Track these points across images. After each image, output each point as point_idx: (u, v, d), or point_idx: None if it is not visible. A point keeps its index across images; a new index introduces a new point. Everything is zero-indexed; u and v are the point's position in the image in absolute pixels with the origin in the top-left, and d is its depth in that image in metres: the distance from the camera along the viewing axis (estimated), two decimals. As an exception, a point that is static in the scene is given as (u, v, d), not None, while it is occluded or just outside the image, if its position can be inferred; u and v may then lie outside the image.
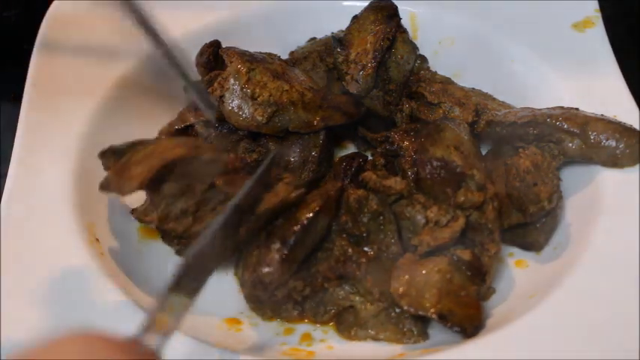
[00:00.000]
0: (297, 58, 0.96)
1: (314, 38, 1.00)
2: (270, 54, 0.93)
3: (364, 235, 0.76)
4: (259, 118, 0.84)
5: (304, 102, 0.86)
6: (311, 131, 0.87)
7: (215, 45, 0.91)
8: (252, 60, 0.87)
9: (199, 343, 0.68)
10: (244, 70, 0.85)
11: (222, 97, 0.85)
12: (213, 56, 0.90)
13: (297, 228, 0.73)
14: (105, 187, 0.74)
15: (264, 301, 0.75)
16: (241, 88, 0.85)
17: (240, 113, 0.85)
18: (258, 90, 0.84)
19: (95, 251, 0.76)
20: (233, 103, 0.85)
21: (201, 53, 0.91)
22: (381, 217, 0.76)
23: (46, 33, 0.96)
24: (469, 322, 0.69)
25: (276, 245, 0.73)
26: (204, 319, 0.75)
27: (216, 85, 0.86)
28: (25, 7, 1.11)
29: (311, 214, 0.74)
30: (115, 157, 0.75)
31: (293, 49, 0.99)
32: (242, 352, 0.70)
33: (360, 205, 0.76)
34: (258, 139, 0.88)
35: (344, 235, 0.77)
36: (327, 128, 0.88)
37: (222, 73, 0.87)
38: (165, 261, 0.81)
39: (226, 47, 0.89)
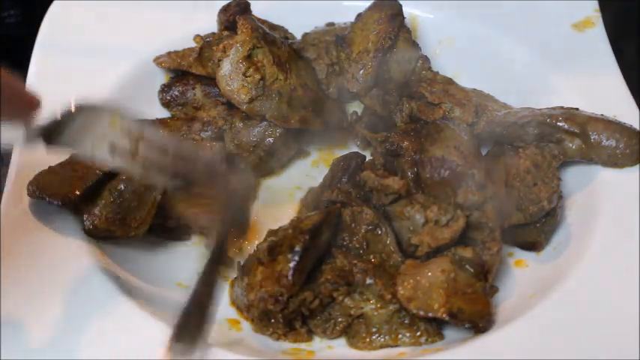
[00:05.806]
0: (305, 44, 0.95)
1: (332, 24, 0.99)
2: (285, 34, 0.94)
3: (364, 246, 0.76)
4: (242, 97, 0.86)
5: (291, 97, 0.86)
6: (285, 126, 0.88)
7: (241, 7, 0.92)
8: (262, 38, 0.87)
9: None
10: (248, 46, 0.86)
11: (220, 60, 0.87)
12: (234, 17, 0.91)
13: (304, 237, 0.73)
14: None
15: (275, 317, 0.73)
16: (237, 62, 0.86)
17: (229, 83, 0.86)
18: (252, 70, 0.86)
19: (95, 251, 0.76)
20: (226, 71, 0.87)
21: (224, 9, 0.93)
22: (378, 229, 0.76)
23: (46, 33, 0.96)
24: (479, 318, 0.69)
25: (285, 256, 0.72)
26: (204, 319, 0.75)
27: (221, 47, 0.88)
28: (25, 7, 1.11)
29: (316, 223, 0.74)
30: None
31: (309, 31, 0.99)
32: (242, 352, 0.70)
33: (355, 219, 0.77)
34: (233, 109, 0.89)
35: (344, 250, 0.76)
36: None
37: (231, 38, 0.88)
38: (165, 260, 0.82)
39: (245, 16, 0.90)
